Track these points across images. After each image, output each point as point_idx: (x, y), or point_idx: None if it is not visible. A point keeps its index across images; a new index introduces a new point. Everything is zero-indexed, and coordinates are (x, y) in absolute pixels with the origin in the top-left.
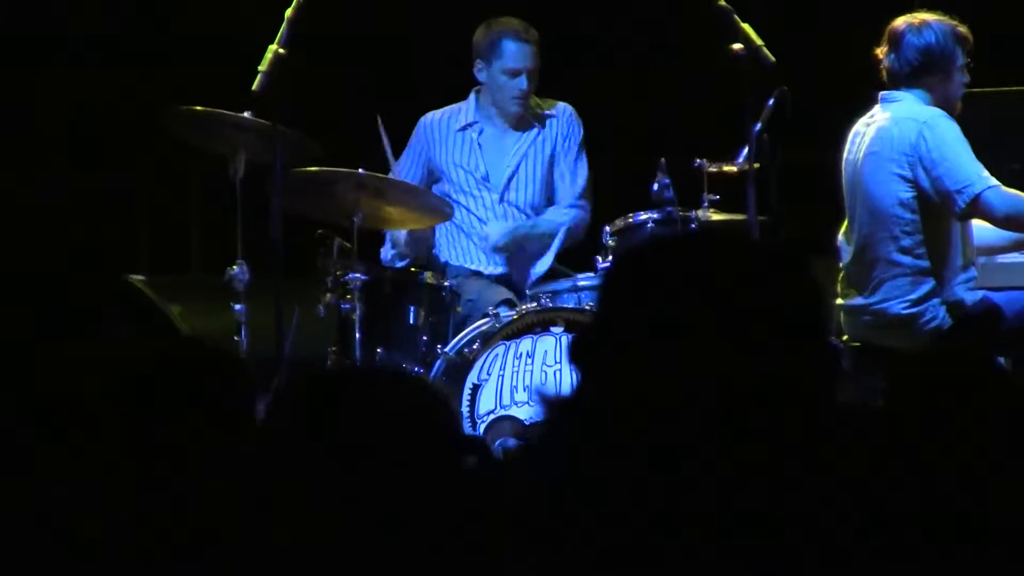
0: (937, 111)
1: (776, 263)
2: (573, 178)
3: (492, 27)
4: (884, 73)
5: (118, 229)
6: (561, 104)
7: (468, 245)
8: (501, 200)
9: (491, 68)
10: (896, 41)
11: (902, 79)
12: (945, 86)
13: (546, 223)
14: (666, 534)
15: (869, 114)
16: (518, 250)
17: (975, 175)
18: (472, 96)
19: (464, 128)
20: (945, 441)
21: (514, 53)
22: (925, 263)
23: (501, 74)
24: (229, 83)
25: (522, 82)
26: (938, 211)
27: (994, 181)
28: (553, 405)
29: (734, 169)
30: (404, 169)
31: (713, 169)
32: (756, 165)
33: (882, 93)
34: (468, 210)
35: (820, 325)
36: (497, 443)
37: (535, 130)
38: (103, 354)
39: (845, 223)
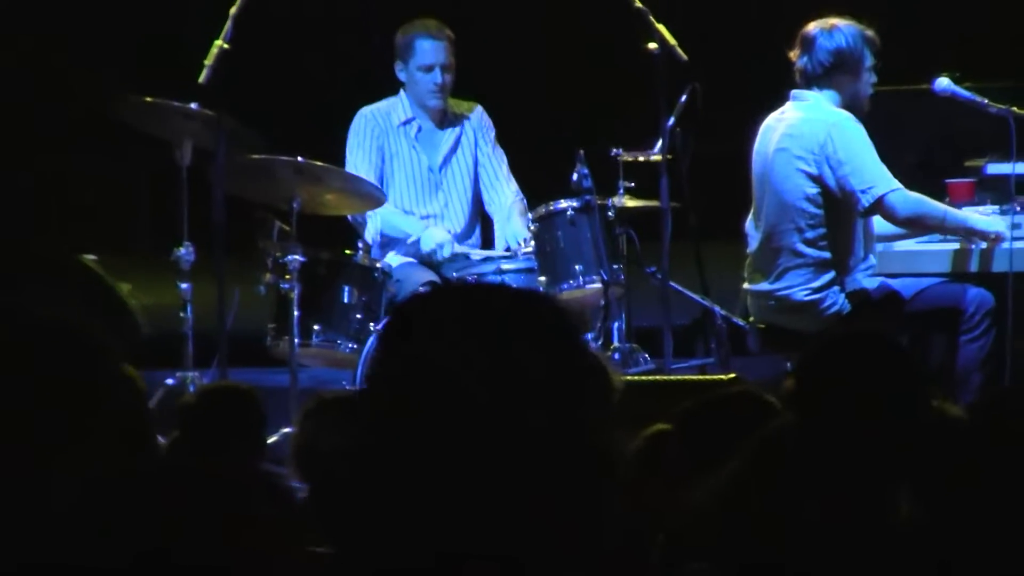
0: (845, 114)
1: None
2: (499, 164)
3: (407, 29)
4: (797, 74)
5: (73, 211)
6: (474, 105)
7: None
8: (438, 188)
9: (408, 67)
10: (808, 44)
11: (815, 79)
12: (855, 85)
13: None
14: None
15: (780, 110)
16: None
17: (880, 177)
18: (403, 93)
19: (405, 123)
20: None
21: (427, 50)
22: (827, 255)
23: (417, 71)
24: (177, 75)
25: (436, 76)
26: (842, 207)
27: (897, 184)
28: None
29: (649, 159)
30: (359, 164)
31: (629, 159)
32: (669, 155)
33: (793, 92)
34: (409, 200)
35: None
36: None
37: (459, 125)
38: None
39: (752, 210)
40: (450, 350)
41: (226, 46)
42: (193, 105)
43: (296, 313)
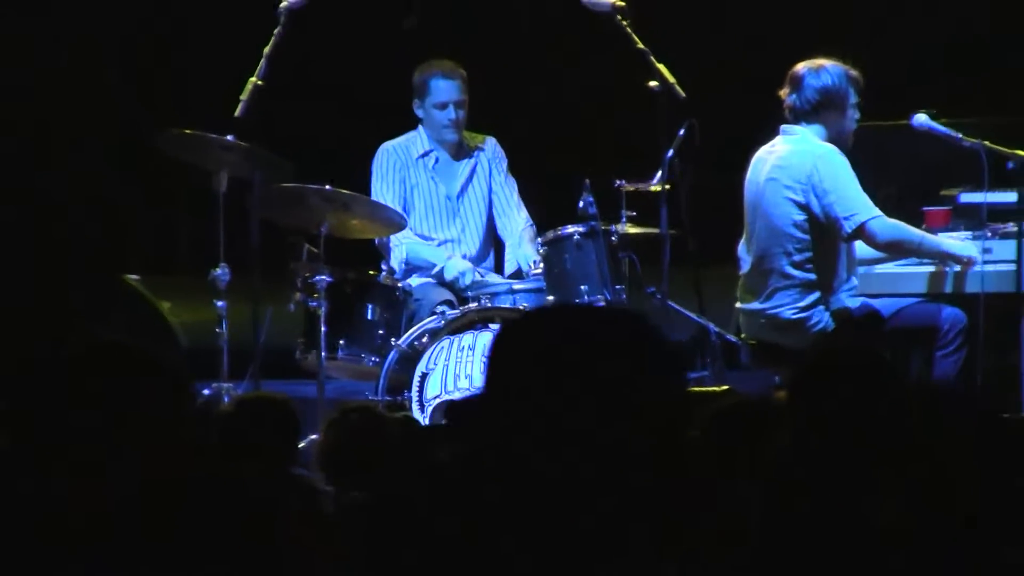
0: (831, 147)
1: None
2: (511, 192)
3: (422, 69)
4: (787, 110)
5: (117, 234)
6: (488, 137)
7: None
8: (455, 215)
9: (424, 104)
10: (797, 82)
11: (803, 115)
12: (840, 121)
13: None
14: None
15: (771, 144)
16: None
17: (862, 205)
18: (421, 128)
19: (423, 155)
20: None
21: (441, 88)
22: (813, 276)
23: (433, 108)
24: (214, 109)
25: (451, 112)
26: (827, 232)
27: (878, 211)
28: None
29: (649, 189)
30: (385, 194)
31: (631, 189)
32: (668, 186)
33: (783, 126)
34: (428, 226)
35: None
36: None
37: (474, 157)
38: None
39: (745, 236)
40: (556, 371)
41: (260, 82)
42: (229, 137)
43: (323, 329)
